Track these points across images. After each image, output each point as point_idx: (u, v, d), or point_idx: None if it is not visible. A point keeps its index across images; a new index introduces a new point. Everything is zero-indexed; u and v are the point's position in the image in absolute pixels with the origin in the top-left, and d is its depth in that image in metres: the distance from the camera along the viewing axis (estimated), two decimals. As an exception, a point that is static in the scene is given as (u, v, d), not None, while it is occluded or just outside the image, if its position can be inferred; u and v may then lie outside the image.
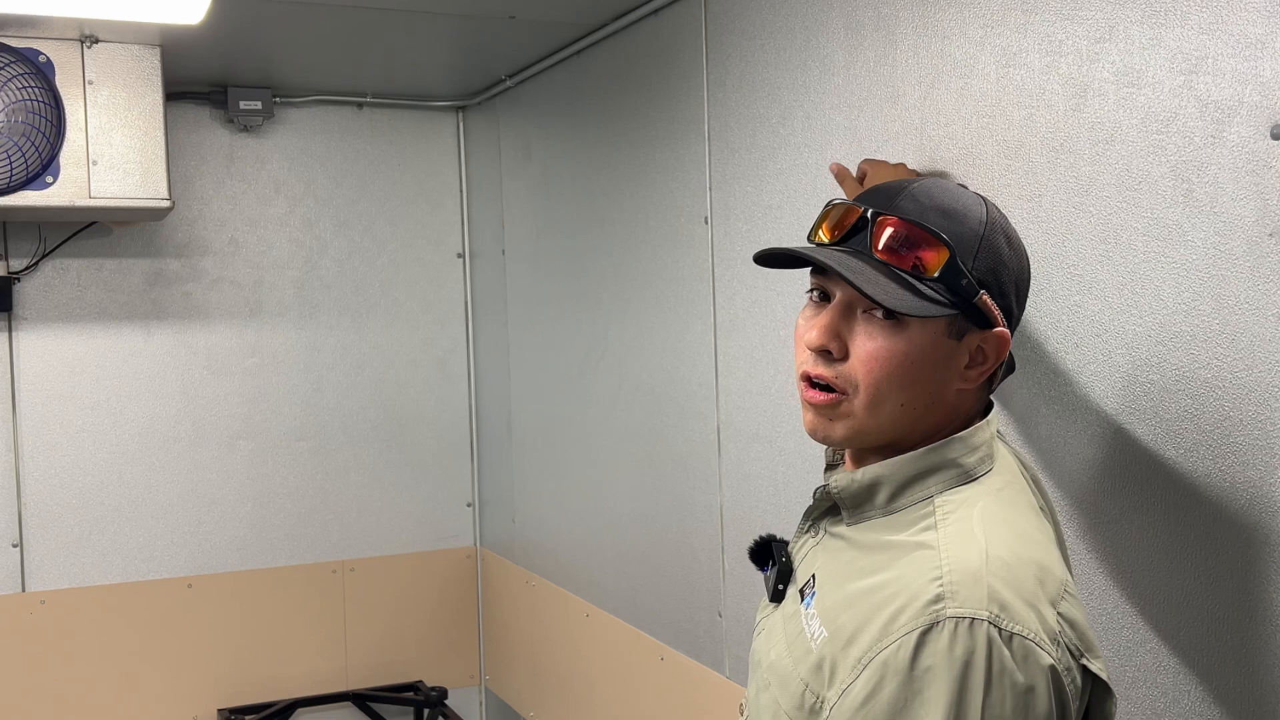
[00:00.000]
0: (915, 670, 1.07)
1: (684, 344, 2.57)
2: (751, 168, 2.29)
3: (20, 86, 2.88)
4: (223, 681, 3.60)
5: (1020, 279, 1.25)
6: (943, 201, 1.22)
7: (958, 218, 1.21)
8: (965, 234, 1.20)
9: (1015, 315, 1.26)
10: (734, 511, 2.42)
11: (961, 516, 1.17)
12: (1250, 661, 1.35)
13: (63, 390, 3.41)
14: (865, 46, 1.95)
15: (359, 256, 3.76)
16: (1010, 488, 1.24)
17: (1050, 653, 1.08)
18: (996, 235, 1.22)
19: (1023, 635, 1.07)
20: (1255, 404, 1.32)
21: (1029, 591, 1.10)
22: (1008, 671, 1.06)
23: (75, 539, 3.43)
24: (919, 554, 1.15)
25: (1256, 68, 1.29)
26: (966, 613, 1.07)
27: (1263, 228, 1.30)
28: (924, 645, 1.07)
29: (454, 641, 3.93)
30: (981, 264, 1.20)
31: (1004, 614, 1.07)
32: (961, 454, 1.22)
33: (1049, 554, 1.18)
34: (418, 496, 3.86)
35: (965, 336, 1.21)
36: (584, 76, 3.00)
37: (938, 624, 1.07)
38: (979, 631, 1.06)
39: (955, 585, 1.09)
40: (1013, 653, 1.06)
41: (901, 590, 1.12)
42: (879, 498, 1.22)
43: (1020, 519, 1.20)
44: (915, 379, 1.20)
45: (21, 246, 3.35)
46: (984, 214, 1.23)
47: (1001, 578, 1.10)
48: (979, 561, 1.11)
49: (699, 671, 2.57)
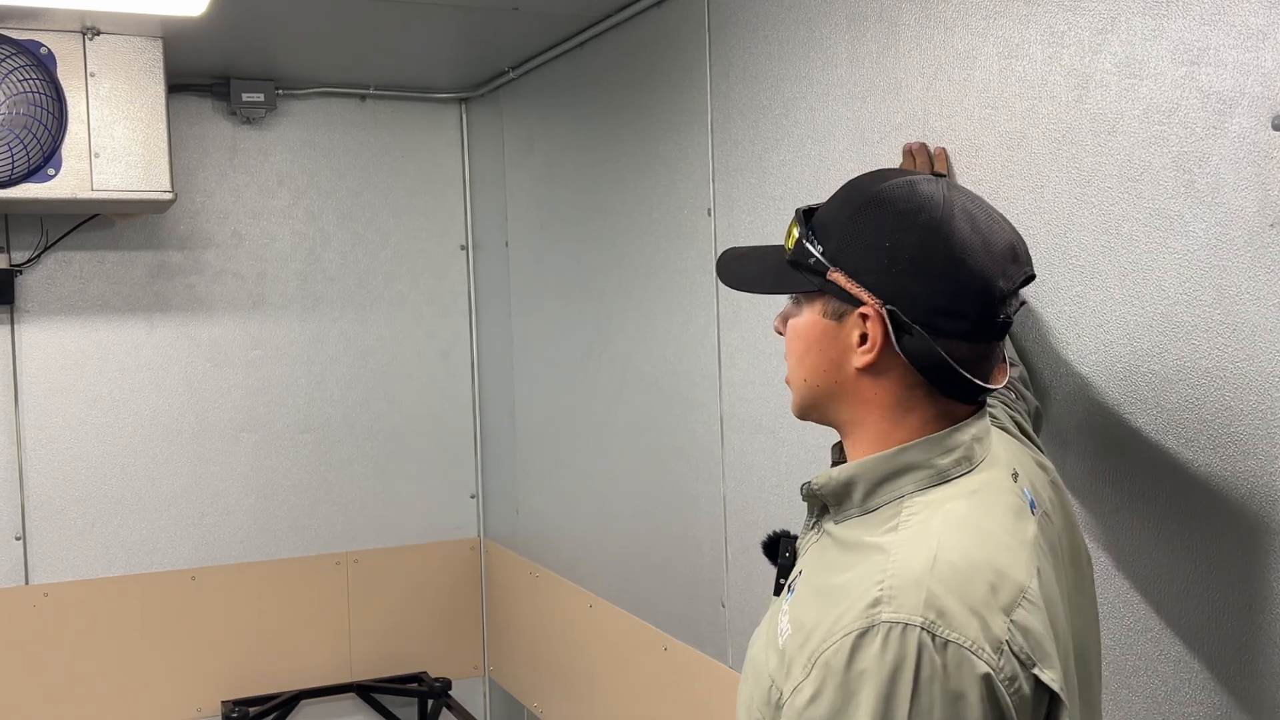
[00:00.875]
0: (850, 672, 1.07)
1: (687, 335, 2.57)
2: (754, 159, 2.29)
3: (21, 79, 2.88)
4: (226, 673, 3.61)
5: (917, 255, 1.18)
6: (850, 190, 1.27)
7: (849, 198, 1.26)
8: (838, 212, 1.25)
9: (914, 293, 1.18)
10: (737, 502, 2.43)
11: (923, 519, 1.16)
12: (1250, 650, 1.35)
13: (65, 383, 3.42)
14: (868, 38, 1.95)
15: (362, 249, 3.76)
16: (988, 489, 1.21)
17: (989, 661, 1.07)
18: (880, 211, 1.21)
19: (958, 643, 1.06)
20: (1256, 394, 1.32)
21: (977, 598, 1.09)
22: (937, 678, 1.05)
23: (78, 531, 3.44)
24: (873, 556, 1.15)
25: (1258, 59, 1.30)
26: (901, 618, 1.07)
27: (1264, 218, 1.30)
28: (858, 649, 1.07)
29: (458, 633, 3.94)
30: (842, 242, 1.22)
31: (940, 620, 1.07)
32: (934, 455, 1.21)
33: (1012, 558, 1.15)
34: (421, 488, 3.87)
35: (845, 317, 1.23)
36: (587, 68, 3.00)
37: (873, 628, 1.07)
38: (910, 637, 1.06)
39: (894, 590, 1.09)
40: (946, 660, 1.06)
41: (850, 591, 1.12)
42: (855, 496, 1.23)
43: (989, 521, 1.18)
44: (805, 353, 1.27)
45: (23, 239, 3.35)
46: (876, 193, 1.22)
47: (946, 583, 1.09)
48: (924, 566, 1.10)
49: (702, 662, 2.58)
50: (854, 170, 1.97)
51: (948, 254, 1.18)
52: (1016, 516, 1.22)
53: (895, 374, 1.21)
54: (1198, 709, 1.43)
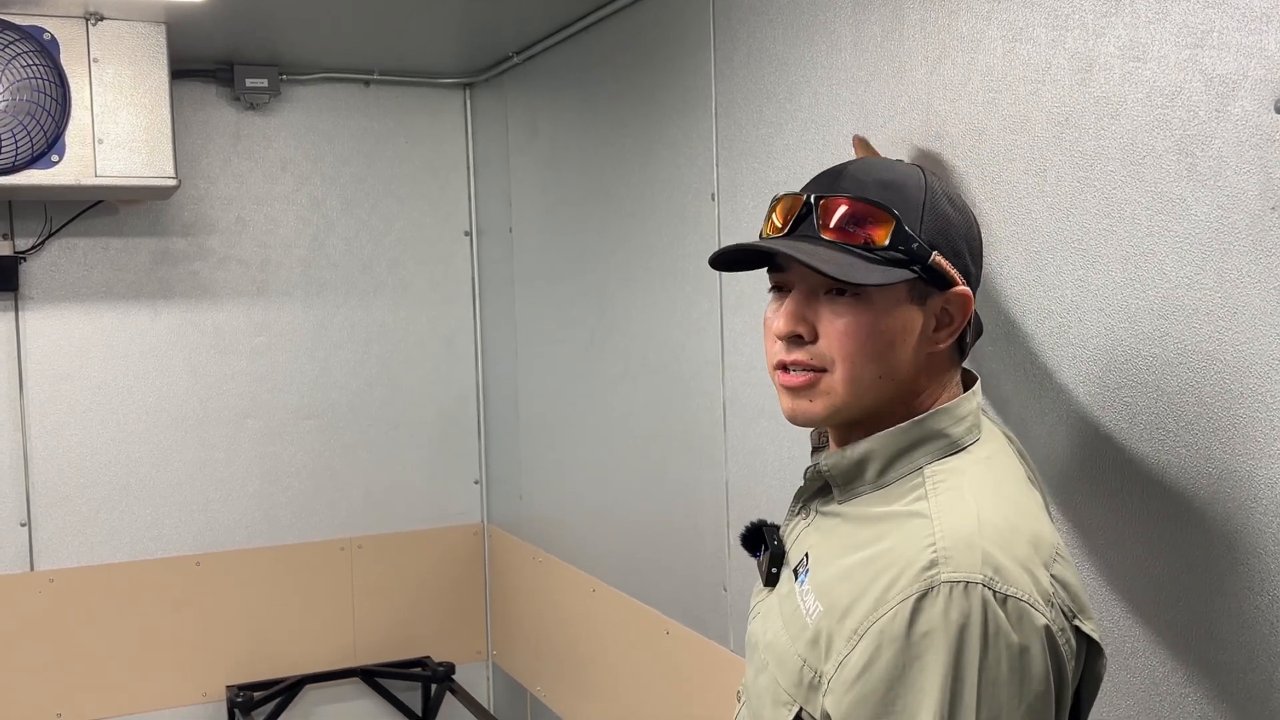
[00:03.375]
0: (912, 636, 1.08)
1: (690, 320, 2.58)
2: (759, 143, 2.29)
3: (25, 65, 2.88)
4: (231, 659, 3.63)
5: (970, 237, 1.29)
6: (881, 176, 1.26)
7: (897, 188, 1.25)
8: (908, 201, 1.24)
9: (974, 274, 1.29)
10: (739, 487, 2.43)
11: (952, 485, 1.19)
12: (1250, 630, 1.36)
13: (70, 370, 3.43)
14: (872, 21, 1.94)
15: (366, 234, 3.76)
16: (999, 456, 1.26)
17: (1044, 613, 1.10)
18: (939, 199, 1.26)
19: (1017, 597, 1.09)
20: (1256, 377, 1.32)
21: (1022, 555, 1.12)
22: (1003, 633, 1.07)
23: (83, 518, 3.45)
24: (913, 523, 1.16)
25: (1261, 41, 1.29)
26: (961, 576, 1.08)
27: (1266, 201, 1.30)
28: (920, 611, 1.08)
29: (461, 617, 3.95)
30: (929, 227, 1.23)
31: (998, 576, 1.09)
32: (948, 425, 1.24)
33: (1040, 520, 1.20)
34: (425, 474, 3.88)
35: (928, 300, 1.24)
36: (591, 53, 3.00)
37: (933, 589, 1.09)
38: (974, 594, 1.08)
39: (949, 551, 1.10)
40: (1008, 614, 1.08)
41: (896, 559, 1.13)
42: (869, 472, 1.24)
43: (1009, 486, 1.22)
44: (887, 348, 1.22)
45: (28, 226, 3.36)
46: (922, 180, 1.26)
47: (995, 542, 1.11)
48: (972, 527, 1.12)
49: (704, 645, 2.59)
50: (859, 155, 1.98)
51: (979, 235, 1.32)
52: (1026, 483, 1.27)
53: (948, 349, 1.28)
54: (1198, 693, 1.44)
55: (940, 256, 1.23)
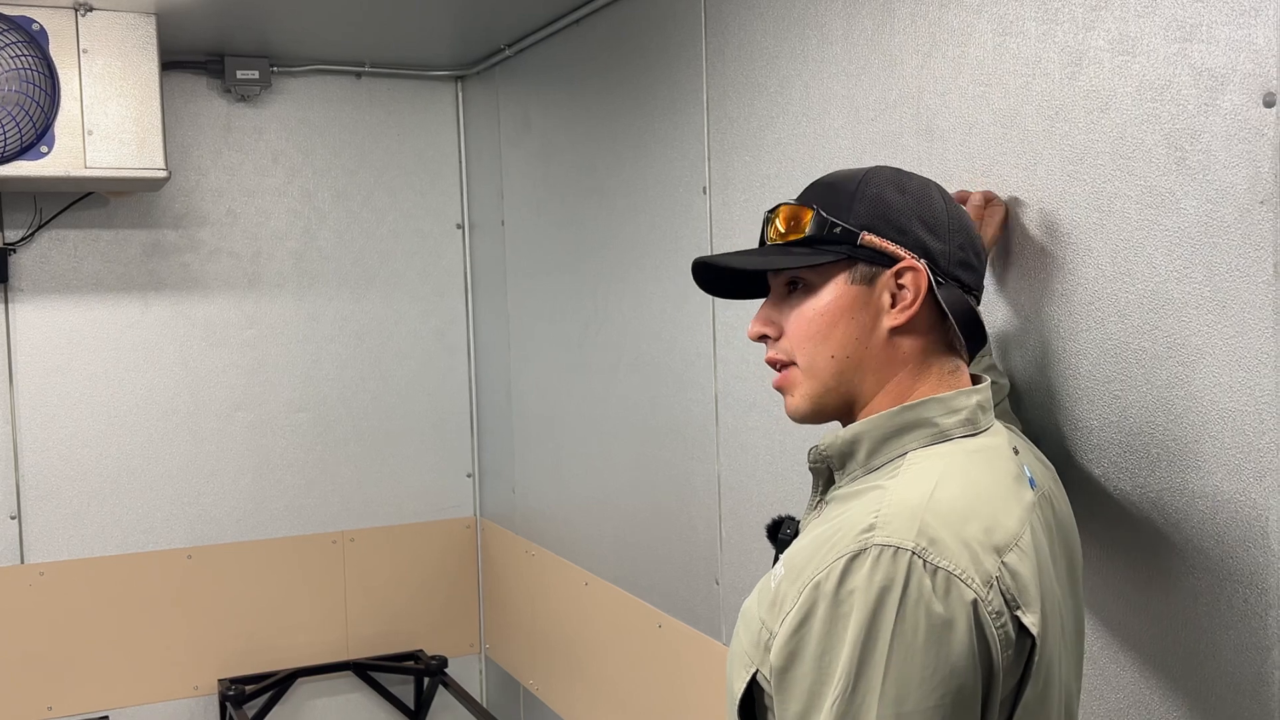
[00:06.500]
0: (840, 594, 1.10)
1: (682, 314, 2.58)
2: (750, 137, 2.29)
3: (13, 55, 2.87)
4: (223, 652, 3.63)
5: (926, 215, 1.29)
6: (828, 179, 1.35)
7: (832, 185, 1.33)
8: (837, 194, 1.31)
9: (938, 249, 1.28)
10: (731, 480, 2.44)
11: (924, 467, 1.20)
12: (1251, 619, 1.36)
13: (60, 362, 3.42)
14: (863, 15, 1.94)
15: (358, 227, 3.75)
16: (989, 452, 1.25)
17: (978, 591, 1.09)
18: (879, 186, 1.30)
19: (948, 570, 1.09)
20: (1245, 370, 1.32)
21: (970, 535, 1.12)
22: (924, 601, 1.07)
23: (74, 510, 3.45)
24: (872, 494, 1.19)
25: (1250, 35, 1.29)
26: (893, 541, 1.10)
27: (1254, 195, 1.30)
28: (850, 571, 1.10)
29: (454, 611, 3.95)
30: (861, 211, 1.28)
31: (931, 548, 1.10)
32: (938, 414, 1.25)
33: (1007, 513, 1.19)
34: (417, 467, 3.87)
35: (876, 280, 1.28)
36: (583, 46, 2.99)
37: (864, 551, 1.10)
38: (901, 560, 1.09)
39: (889, 517, 1.12)
40: (935, 585, 1.08)
41: (846, 524, 1.15)
42: (859, 454, 1.26)
43: (988, 477, 1.22)
44: (832, 327, 1.28)
45: (17, 217, 3.35)
46: (861, 174, 1.32)
47: (940, 516, 1.12)
48: (920, 500, 1.14)
49: (696, 638, 2.59)
50: (849, 148, 1.98)
51: (946, 210, 1.31)
52: (1015, 480, 1.26)
53: (921, 329, 1.29)
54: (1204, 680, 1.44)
55: (872, 235, 1.27)
